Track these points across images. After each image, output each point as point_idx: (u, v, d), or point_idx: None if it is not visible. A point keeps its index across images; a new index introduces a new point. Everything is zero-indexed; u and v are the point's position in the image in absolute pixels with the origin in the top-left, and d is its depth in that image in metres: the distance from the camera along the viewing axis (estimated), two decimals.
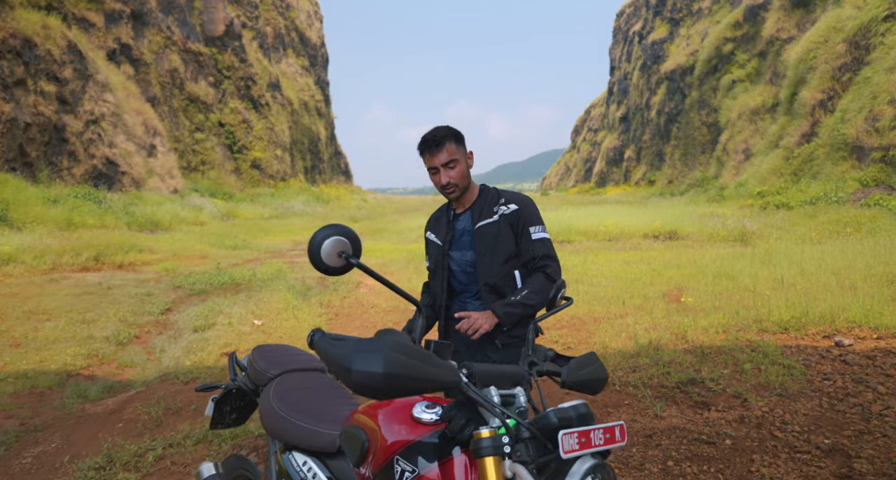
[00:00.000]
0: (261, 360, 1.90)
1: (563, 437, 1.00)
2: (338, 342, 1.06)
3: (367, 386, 0.98)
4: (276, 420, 1.63)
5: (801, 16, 23.56)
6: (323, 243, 1.37)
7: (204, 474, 1.85)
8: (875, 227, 10.83)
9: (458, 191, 2.03)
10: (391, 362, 0.99)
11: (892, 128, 14.88)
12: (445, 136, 1.98)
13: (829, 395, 3.53)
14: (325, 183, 47.09)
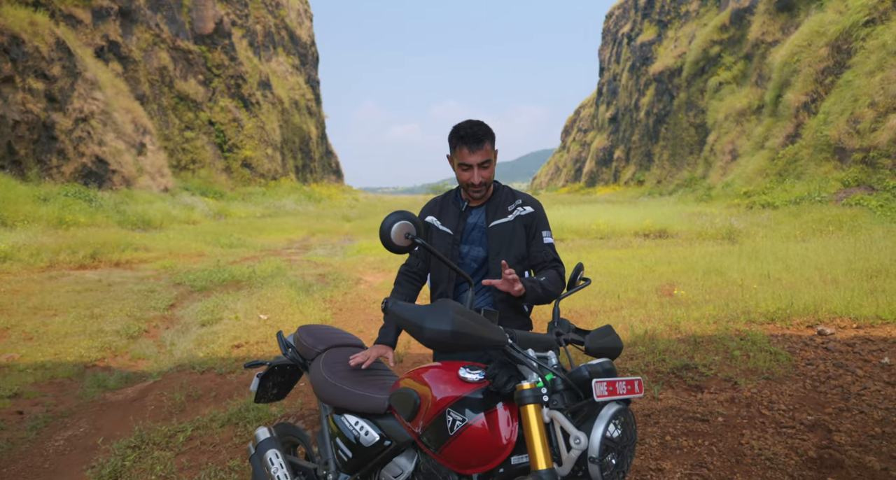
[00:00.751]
0: (308, 337, 2.11)
1: (596, 384, 1.22)
2: (410, 306, 1.28)
3: (437, 341, 1.21)
4: (327, 388, 1.84)
5: (785, 20, 24.07)
6: (392, 226, 1.56)
7: (260, 437, 2.06)
8: (856, 226, 11.21)
9: (484, 190, 2.08)
10: (457, 322, 1.21)
11: (873, 130, 15.33)
12: (486, 135, 1.99)
13: (812, 378, 3.79)
14: (317, 182, 47.08)
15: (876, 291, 5.65)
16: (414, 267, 2.24)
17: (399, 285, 2.24)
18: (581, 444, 1.20)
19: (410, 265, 2.26)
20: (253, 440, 2.12)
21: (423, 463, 1.56)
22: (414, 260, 2.25)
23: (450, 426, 1.39)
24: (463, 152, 2.00)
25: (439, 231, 2.15)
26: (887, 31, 16.47)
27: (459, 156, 2.02)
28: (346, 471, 1.78)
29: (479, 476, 1.43)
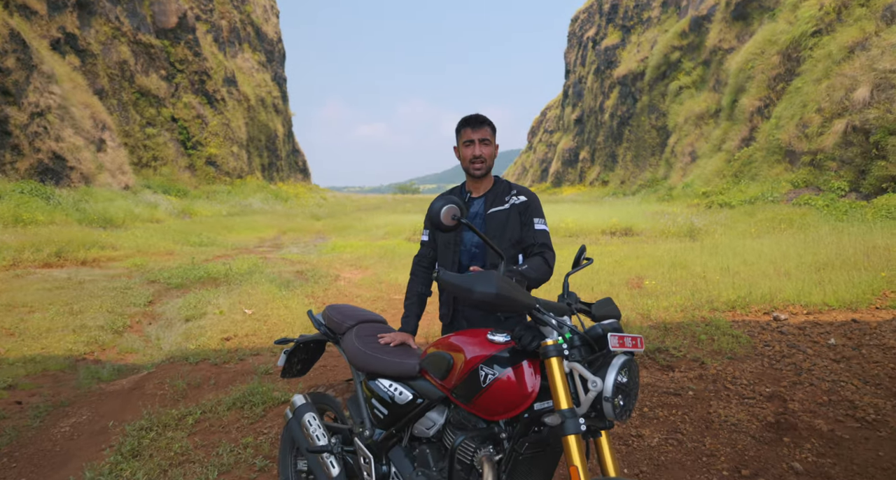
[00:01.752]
0: (337, 314, 2.34)
1: (610, 337, 1.50)
2: (458, 274, 1.54)
3: (484, 302, 1.47)
4: (362, 356, 2.08)
5: (740, 28, 25.18)
6: (441, 209, 1.79)
7: (297, 403, 2.28)
8: (805, 224, 11.96)
9: (484, 168, 2.35)
10: (500, 287, 1.48)
11: (819, 135, 16.26)
12: (486, 120, 2.35)
13: (769, 357, 4.20)
14: (283, 180, 46.52)
15: (823, 282, 6.17)
16: (427, 256, 2.55)
17: (414, 274, 2.56)
18: (597, 387, 1.47)
19: (423, 255, 2.56)
20: (290, 406, 2.33)
21: (452, 415, 1.81)
22: (426, 251, 2.55)
23: (482, 379, 1.65)
24: (466, 131, 2.35)
25: None
26: (832, 41, 17.47)
27: (464, 135, 2.36)
28: (382, 427, 2.01)
29: (505, 421, 1.69)
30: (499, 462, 1.68)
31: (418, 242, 12.96)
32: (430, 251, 2.51)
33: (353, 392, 2.30)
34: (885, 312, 5.28)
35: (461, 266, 2.40)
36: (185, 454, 2.97)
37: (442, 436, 1.85)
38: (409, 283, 2.53)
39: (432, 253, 2.51)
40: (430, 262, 2.53)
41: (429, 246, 2.51)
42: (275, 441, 3.08)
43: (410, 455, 1.94)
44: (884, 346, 4.35)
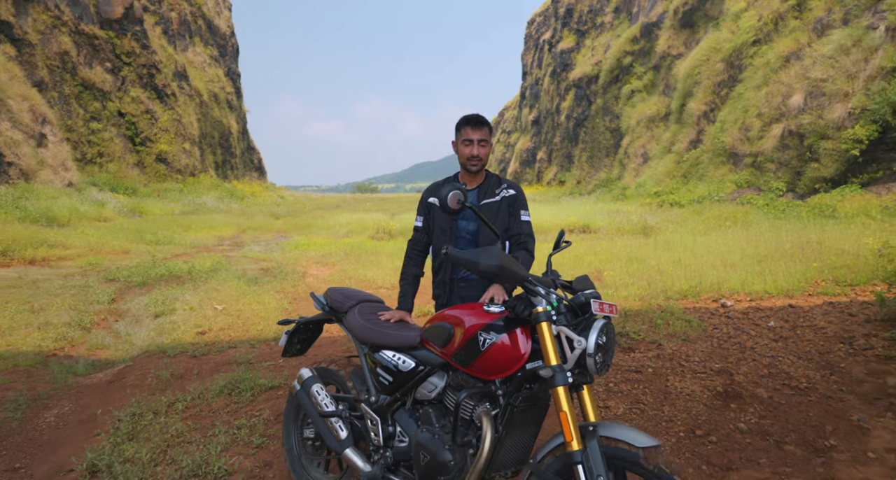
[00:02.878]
0: (339, 295, 2.54)
1: (593, 303, 1.77)
2: (465, 250, 1.79)
3: (489, 273, 1.72)
4: (366, 331, 2.29)
5: (687, 35, 26.36)
6: (448, 194, 2.01)
7: (304, 376, 2.46)
8: (747, 221, 12.75)
9: (480, 165, 2.60)
10: (502, 260, 1.74)
11: (760, 138, 17.29)
12: (485, 121, 2.57)
13: (718, 338, 4.62)
14: (238, 179, 45.50)
15: (764, 272, 6.71)
16: (421, 240, 2.77)
17: (409, 257, 2.79)
18: (582, 345, 1.73)
19: (417, 240, 2.79)
20: (297, 378, 2.51)
21: (452, 379, 2.05)
22: (419, 236, 2.77)
23: (481, 344, 1.89)
24: (467, 130, 2.57)
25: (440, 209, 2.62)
26: (770, 50, 18.59)
27: (464, 133, 2.58)
28: (386, 393, 2.23)
29: (500, 380, 1.93)
30: (495, 417, 1.92)
31: (383, 240, 12.99)
32: (423, 236, 2.74)
33: (354, 366, 2.50)
34: (817, 298, 5.83)
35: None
36: (181, 436, 3.09)
37: (443, 398, 2.09)
38: (404, 266, 2.75)
39: (426, 238, 2.74)
40: (423, 246, 2.76)
41: (423, 231, 2.74)
42: (269, 423, 3.23)
43: (414, 416, 2.17)
44: (815, 327, 4.84)
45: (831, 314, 5.16)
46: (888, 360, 4.01)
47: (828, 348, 4.33)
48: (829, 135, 13.79)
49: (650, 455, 1.66)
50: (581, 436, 1.72)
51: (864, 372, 3.84)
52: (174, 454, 2.86)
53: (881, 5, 14.28)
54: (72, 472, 2.77)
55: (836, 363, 4.02)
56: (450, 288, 2.69)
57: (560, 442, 1.78)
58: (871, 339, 4.40)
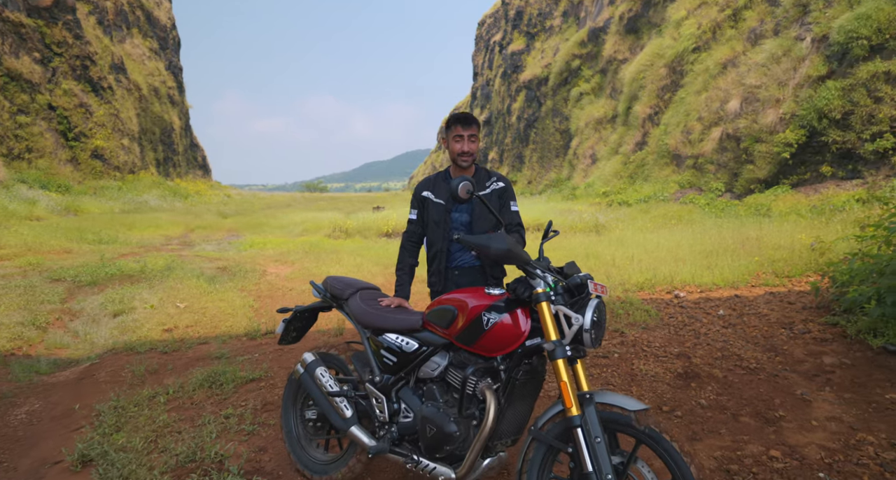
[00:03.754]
0: (338, 284, 2.63)
1: (590, 283, 1.95)
2: (475, 236, 1.93)
3: (499, 255, 1.89)
4: (369, 316, 2.40)
5: (632, 41, 27.43)
6: (459, 185, 2.14)
7: (308, 360, 2.54)
8: (691, 219, 13.47)
9: (470, 160, 2.75)
10: (510, 244, 1.90)
11: (700, 141, 18.24)
12: (475, 120, 2.74)
13: (674, 326, 4.95)
14: (181, 177, 43.85)
15: (711, 266, 7.18)
16: (415, 232, 2.92)
17: (404, 248, 2.93)
18: (579, 322, 1.91)
19: (412, 232, 2.94)
20: (301, 362, 2.59)
21: (454, 357, 2.19)
22: (414, 228, 2.91)
23: (485, 323, 2.04)
24: (457, 127, 2.73)
25: (434, 202, 2.81)
26: (709, 58, 19.62)
27: (454, 130, 2.74)
28: (390, 373, 2.35)
29: (501, 357, 2.09)
30: (497, 390, 2.08)
31: (340, 239, 12.94)
32: (418, 228, 2.87)
33: (353, 350, 2.61)
34: (759, 289, 6.31)
35: (451, 240, 2.81)
36: (169, 426, 3.09)
37: (445, 376, 2.22)
38: (400, 256, 2.87)
39: (420, 230, 2.87)
40: (418, 238, 2.89)
41: (417, 223, 2.87)
42: (257, 411, 3.27)
43: (417, 393, 2.30)
44: (759, 314, 5.26)
45: (772, 302, 5.61)
46: (824, 342, 4.42)
47: (771, 333, 4.72)
48: (762, 139, 14.71)
49: (641, 417, 1.86)
50: (579, 403, 1.90)
51: (803, 353, 4.23)
52: (165, 443, 2.87)
53: (807, 18, 15.36)
54: (59, 463, 2.73)
55: (779, 345, 4.41)
56: (445, 276, 2.83)
57: (559, 410, 1.96)
58: (808, 324, 4.83)
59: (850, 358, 4.02)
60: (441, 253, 2.83)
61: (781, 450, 2.83)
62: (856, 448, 2.82)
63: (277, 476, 2.61)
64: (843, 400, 3.41)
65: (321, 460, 2.57)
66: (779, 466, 2.70)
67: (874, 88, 11.74)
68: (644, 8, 26.21)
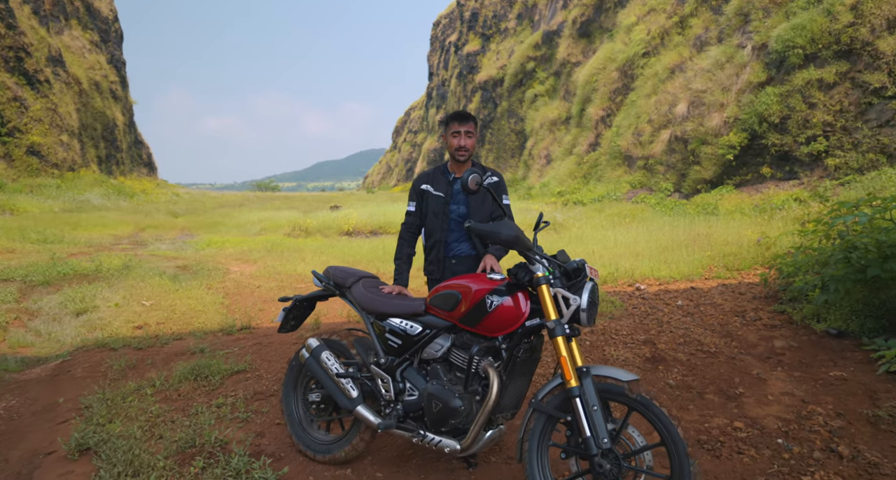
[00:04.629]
0: (340, 273, 2.73)
1: (587, 267, 2.13)
2: (485, 224, 2.08)
3: (508, 240, 2.06)
4: (372, 301, 2.52)
5: (585, 44, 28.25)
6: (470, 176, 2.27)
7: (313, 345, 2.63)
8: (643, 218, 14.08)
9: (466, 155, 2.90)
10: (517, 231, 2.07)
11: (650, 142, 19.02)
12: (471, 116, 2.90)
13: (638, 316, 5.25)
14: (125, 175, 42.08)
15: (668, 261, 7.59)
16: (413, 223, 3.06)
17: (403, 239, 3.05)
18: (576, 302, 2.09)
19: (410, 223, 3.08)
20: (307, 347, 2.67)
21: (457, 339, 2.33)
22: (412, 219, 3.05)
23: (488, 306, 2.19)
24: (454, 124, 2.89)
25: (434, 195, 2.97)
26: (658, 63, 20.48)
27: (452, 127, 2.90)
28: (395, 355, 2.48)
29: (503, 337, 2.24)
30: (498, 368, 2.23)
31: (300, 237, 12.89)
32: (416, 219, 3.01)
33: (354, 336, 2.72)
34: (712, 281, 6.73)
35: (449, 230, 2.97)
36: (162, 415, 3.10)
37: (448, 356, 2.36)
38: (399, 246, 2.99)
39: (418, 222, 3.01)
40: (416, 229, 3.03)
41: (415, 215, 3.01)
42: (249, 400, 3.32)
43: (421, 373, 2.43)
44: (714, 304, 5.64)
45: (725, 293, 6.02)
46: (773, 328, 4.81)
47: (726, 320, 5.08)
48: (708, 141, 15.50)
49: (633, 387, 2.06)
50: (577, 376, 2.08)
51: (756, 338, 4.59)
52: (161, 431, 2.89)
53: (748, 27, 16.29)
54: (52, 454, 2.71)
55: (734, 331, 4.76)
56: (443, 265, 2.97)
57: (558, 383, 2.13)
58: (758, 312, 5.23)
59: (797, 342, 4.39)
60: (440, 243, 2.98)
61: (743, 422, 3.11)
62: (807, 418, 3.12)
63: (279, 457, 2.69)
64: (793, 377, 3.75)
65: (323, 441, 2.67)
66: (742, 435, 2.97)
67: (809, 95, 12.60)
68: (596, 13, 27.03)
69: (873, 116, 11.34)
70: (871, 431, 2.95)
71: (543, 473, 2.20)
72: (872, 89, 11.38)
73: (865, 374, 3.65)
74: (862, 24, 11.85)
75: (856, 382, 3.54)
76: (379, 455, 2.75)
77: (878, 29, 11.61)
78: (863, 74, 11.65)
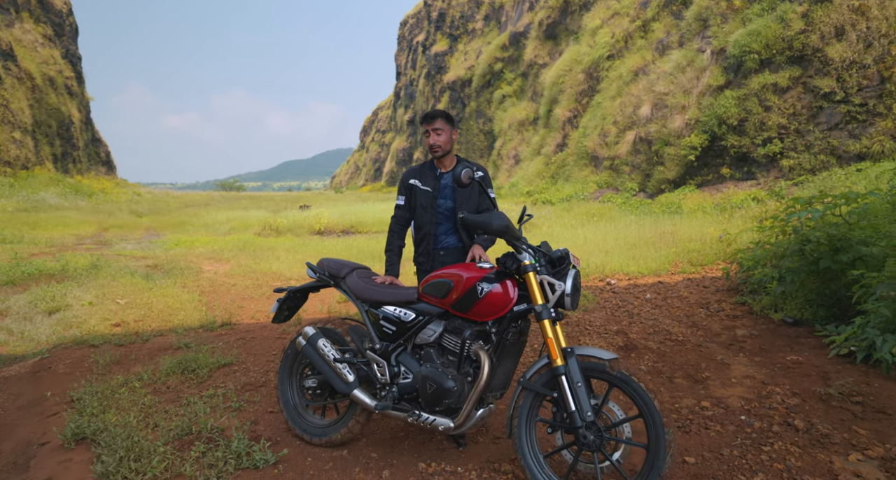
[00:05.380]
0: (334, 264, 2.84)
1: (571, 256, 2.30)
2: (477, 215, 2.22)
3: (500, 230, 2.22)
4: (366, 290, 2.65)
5: (551, 46, 28.75)
6: (462, 172, 2.40)
7: (310, 333, 2.73)
8: (610, 217, 14.49)
9: (441, 151, 3.04)
10: (508, 221, 2.22)
11: (616, 143, 19.54)
12: (439, 114, 3.03)
13: (610, 308, 5.49)
14: (82, 173, 40.69)
15: (636, 257, 7.90)
16: (402, 216, 3.19)
17: (393, 231, 3.19)
18: (561, 288, 2.26)
19: (399, 216, 3.21)
20: (303, 335, 2.77)
21: (449, 324, 2.48)
22: (401, 213, 3.17)
23: (479, 292, 2.35)
24: (424, 125, 3.07)
25: (421, 189, 3.10)
26: (622, 65, 21.03)
27: (424, 127, 3.07)
28: (389, 341, 2.61)
29: (493, 321, 2.40)
30: (488, 350, 2.39)
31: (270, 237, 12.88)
32: (405, 213, 3.13)
33: (348, 324, 2.84)
34: (678, 276, 7.05)
35: (437, 223, 3.12)
36: (154, 406, 3.14)
37: (440, 341, 2.51)
38: (389, 239, 3.12)
39: (407, 215, 3.13)
40: (405, 222, 3.15)
41: (404, 209, 3.13)
42: (239, 391, 3.39)
43: (415, 357, 2.57)
44: (680, 297, 5.94)
45: (690, 287, 6.33)
46: (735, 318, 5.11)
47: (692, 312, 5.37)
48: (671, 143, 16.03)
49: (613, 365, 2.25)
50: (562, 356, 2.26)
51: (720, 328, 4.87)
52: (156, 420, 2.95)
53: (707, 32, 16.91)
54: (45, 444, 2.74)
55: (699, 322, 5.04)
56: (432, 256, 3.11)
57: (545, 363, 2.31)
58: (721, 304, 5.54)
59: (757, 330, 4.69)
60: (429, 236, 3.13)
61: (710, 402, 3.35)
62: (767, 397, 3.38)
63: (276, 441, 2.78)
64: (754, 362, 4.02)
65: (319, 425, 2.79)
66: (709, 413, 3.20)
67: (764, 98, 13.21)
68: (562, 15, 27.54)
69: (824, 120, 11.98)
70: (823, 407, 3.22)
71: (532, 446, 2.37)
72: (823, 94, 12.01)
73: (818, 358, 3.95)
74: (812, 32, 12.49)
75: (810, 365, 3.83)
76: (373, 438, 2.87)
77: (826, 36, 12.27)
78: (814, 79, 12.29)
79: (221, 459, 2.50)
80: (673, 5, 19.49)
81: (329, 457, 2.64)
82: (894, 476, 2.50)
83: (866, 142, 11.04)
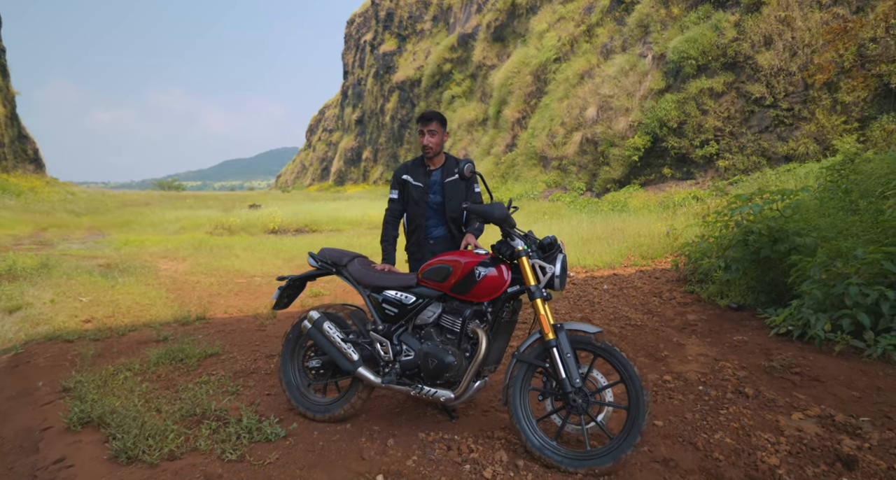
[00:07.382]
0: (335, 253, 3.03)
1: (559, 243, 2.58)
2: (480, 205, 2.46)
3: (500, 219, 2.50)
4: (368, 276, 2.87)
5: (499, 48, 29.39)
6: (465, 166, 2.63)
7: (315, 316, 2.90)
8: (560, 214, 15.07)
9: (433, 152, 3.27)
10: (506, 211, 2.47)
11: (564, 144, 20.26)
12: (434, 115, 3.25)
13: (572, 298, 5.87)
14: (8, 172, 38.20)
15: (591, 251, 8.37)
16: (396, 209, 3.41)
17: (388, 223, 3.41)
18: (551, 270, 2.54)
19: (392, 209, 3.43)
20: (308, 319, 2.93)
21: (447, 306, 2.72)
22: (395, 206, 3.38)
23: (477, 276, 2.60)
24: (420, 125, 3.29)
25: (413, 185, 3.34)
26: (569, 68, 21.80)
27: (419, 127, 3.29)
28: (391, 322, 2.84)
29: (489, 302, 2.65)
30: (484, 328, 2.64)
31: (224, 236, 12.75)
32: (398, 205, 3.35)
33: (349, 309, 3.03)
34: (631, 268, 7.55)
35: (427, 216, 3.37)
36: (151, 393, 3.21)
37: (439, 321, 2.74)
38: (385, 229, 3.33)
39: (401, 207, 3.35)
40: (399, 214, 3.38)
41: (398, 202, 3.35)
42: (235, 377, 3.50)
43: (415, 336, 2.80)
44: (635, 287, 6.40)
45: (643, 278, 6.81)
46: (686, 305, 5.59)
47: (647, 300, 5.82)
48: (616, 144, 16.81)
49: (598, 337, 2.55)
50: (553, 330, 2.54)
51: (673, 314, 5.32)
52: (158, 404, 3.03)
53: (648, 38, 17.83)
54: (49, 429, 2.78)
55: (654, 309, 5.48)
56: (423, 245, 3.35)
57: (537, 337, 2.59)
58: (673, 293, 6.02)
59: (706, 315, 5.17)
60: (420, 228, 3.38)
61: (671, 376, 3.73)
62: (719, 371, 3.80)
63: (281, 419, 2.94)
64: (705, 342, 4.46)
65: (322, 402, 2.97)
66: (671, 385, 3.57)
67: (701, 102, 14.11)
68: (509, 18, 28.18)
69: (755, 123, 12.95)
70: (767, 378, 3.66)
71: (525, 412, 2.65)
72: (754, 99, 12.98)
73: (761, 337, 4.43)
74: (744, 40, 13.46)
75: (754, 343, 4.29)
76: (372, 413, 3.08)
77: (756, 45, 13.26)
78: (746, 85, 13.25)
79: (234, 434, 2.64)
80: (616, 11, 20.37)
81: (334, 430, 2.83)
82: (829, 429, 2.92)
83: (793, 144, 12.03)
